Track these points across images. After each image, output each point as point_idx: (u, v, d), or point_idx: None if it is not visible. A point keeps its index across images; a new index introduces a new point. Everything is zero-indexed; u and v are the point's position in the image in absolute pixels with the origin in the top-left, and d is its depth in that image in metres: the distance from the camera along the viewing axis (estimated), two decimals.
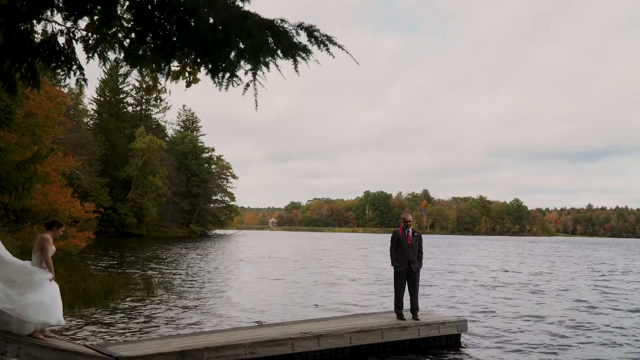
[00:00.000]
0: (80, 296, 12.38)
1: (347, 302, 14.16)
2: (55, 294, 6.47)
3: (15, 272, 6.28)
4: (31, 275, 6.33)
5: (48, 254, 6.50)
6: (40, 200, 18.48)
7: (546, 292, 17.13)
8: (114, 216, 57.80)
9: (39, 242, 6.55)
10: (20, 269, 6.34)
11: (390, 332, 8.49)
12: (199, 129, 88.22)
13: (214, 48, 3.33)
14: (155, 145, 61.38)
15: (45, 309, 6.25)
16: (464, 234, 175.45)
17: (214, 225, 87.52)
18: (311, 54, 3.49)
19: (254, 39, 3.29)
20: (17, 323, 6.11)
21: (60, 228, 6.86)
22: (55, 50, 3.92)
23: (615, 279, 22.87)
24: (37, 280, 6.33)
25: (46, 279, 6.42)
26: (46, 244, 6.52)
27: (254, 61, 3.40)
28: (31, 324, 6.18)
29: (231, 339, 7.40)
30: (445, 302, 14.34)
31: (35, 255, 6.52)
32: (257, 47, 3.35)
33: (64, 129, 32.22)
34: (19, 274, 6.29)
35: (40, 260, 6.47)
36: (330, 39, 3.50)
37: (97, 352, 6.63)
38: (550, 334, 10.37)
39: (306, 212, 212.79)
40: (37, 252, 6.53)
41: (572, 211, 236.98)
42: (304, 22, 3.52)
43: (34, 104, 20.35)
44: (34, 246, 6.63)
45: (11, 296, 6.10)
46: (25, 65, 3.90)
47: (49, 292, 6.38)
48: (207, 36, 3.30)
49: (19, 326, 6.13)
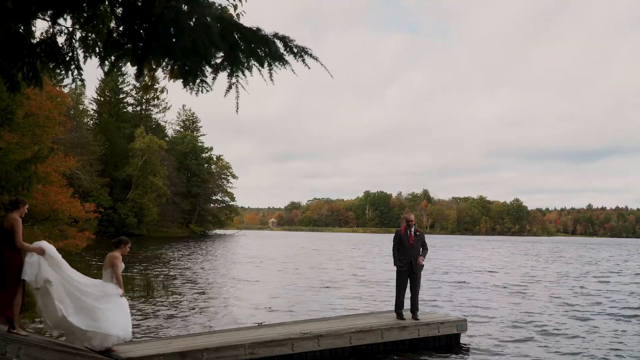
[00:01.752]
0: None
1: (347, 302, 14.16)
2: (125, 308, 6.82)
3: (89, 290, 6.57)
4: (103, 291, 6.64)
5: (118, 271, 6.84)
6: (41, 200, 18.46)
7: (545, 293, 17.13)
8: (114, 216, 57.80)
9: (109, 260, 6.87)
10: (93, 287, 6.63)
11: (390, 332, 8.50)
12: (198, 129, 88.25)
13: (180, 54, 3.32)
14: (155, 145, 61.38)
15: (119, 323, 6.57)
16: (464, 234, 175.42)
17: (214, 225, 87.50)
18: (288, 63, 3.46)
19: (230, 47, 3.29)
20: (99, 339, 6.46)
21: (127, 245, 7.14)
22: (55, 49, 3.92)
23: (615, 279, 22.87)
24: (109, 296, 6.64)
25: (117, 294, 6.74)
26: (116, 261, 6.84)
27: (231, 69, 3.40)
28: (110, 338, 6.52)
29: (231, 340, 7.41)
30: (445, 302, 14.35)
31: (106, 272, 6.84)
32: (233, 56, 3.34)
33: (64, 129, 32.19)
34: (93, 292, 6.57)
35: (111, 277, 6.80)
36: (305, 50, 3.47)
37: (97, 352, 6.63)
38: (550, 334, 10.38)
39: (306, 212, 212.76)
40: (107, 269, 6.85)
41: (572, 211, 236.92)
42: (278, 32, 3.49)
43: (35, 104, 20.33)
44: (104, 264, 6.98)
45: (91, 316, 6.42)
46: (26, 65, 3.90)
47: (120, 306, 6.72)
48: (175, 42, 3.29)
49: (101, 342, 6.48)
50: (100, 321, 6.42)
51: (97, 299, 6.53)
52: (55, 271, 6.41)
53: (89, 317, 6.39)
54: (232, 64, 3.43)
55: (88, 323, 6.37)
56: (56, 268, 6.44)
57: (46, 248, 6.43)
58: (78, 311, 6.38)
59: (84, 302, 6.44)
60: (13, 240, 6.24)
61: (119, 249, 7.00)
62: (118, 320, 6.57)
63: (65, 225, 20.14)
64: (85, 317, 6.38)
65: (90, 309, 6.43)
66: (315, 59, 3.48)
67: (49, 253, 6.42)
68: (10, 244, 6.26)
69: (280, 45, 3.48)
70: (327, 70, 3.63)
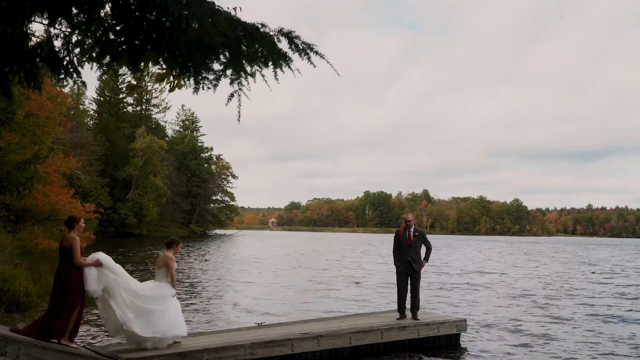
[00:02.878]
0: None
1: (347, 303, 14.17)
2: (178, 309, 7.17)
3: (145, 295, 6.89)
4: (158, 294, 6.98)
5: (173, 271, 7.15)
6: (42, 200, 18.49)
7: (545, 293, 17.14)
8: (114, 216, 57.77)
9: (162, 260, 7.18)
10: (149, 291, 6.98)
11: (390, 332, 8.51)
12: (198, 129, 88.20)
13: (184, 48, 3.20)
14: (155, 146, 61.35)
15: (174, 323, 6.91)
16: (464, 234, 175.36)
17: (214, 225, 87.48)
18: (292, 61, 3.37)
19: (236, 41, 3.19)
20: (156, 342, 6.77)
21: (178, 245, 7.42)
22: (52, 53, 3.89)
23: (617, 281, 22.88)
24: (164, 298, 6.99)
25: (170, 294, 7.07)
26: (170, 262, 7.15)
27: (236, 72, 3.32)
28: (167, 340, 6.85)
29: (231, 340, 7.42)
30: (445, 303, 14.35)
31: (160, 271, 7.17)
32: (236, 58, 3.25)
33: (64, 129, 32.21)
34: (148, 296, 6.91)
35: (164, 276, 7.13)
36: (311, 47, 3.38)
37: (97, 353, 6.65)
38: (549, 334, 10.39)
39: (306, 212, 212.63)
40: (161, 269, 7.17)
41: (572, 211, 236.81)
42: (283, 27, 3.37)
43: (35, 104, 20.35)
44: (157, 264, 7.31)
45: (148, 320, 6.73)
46: (23, 70, 3.87)
47: (174, 307, 7.06)
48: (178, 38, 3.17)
49: (158, 343, 6.79)
50: (157, 325, 6.73)
51: (152, 302, 6.86)
52: (112, 280, 6.74)
53: (146, 321, 6.71)
54: (234, 68, 3.35)
55: (146, 328, 6.69)
56: (113, 277, 6.76)
57: (102, 259, 6.76)
58: (136, 316, 6.69)
59: (141, 307, 6.76)
60: (72, 258, 6.55)
61: (171, 249, 7.29)
62: (173, 320, 6.89)
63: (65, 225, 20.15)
64: (143, 322, 6.70)
65: (147, 313, 6.75)
66: (322, 56, 3.41)
67: (105, 264, 6.75)
68: (70, 262, 6.57)
69: (285, 42, 3.38)
70: (334, 68, 3.53)
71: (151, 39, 3.33)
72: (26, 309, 10.57)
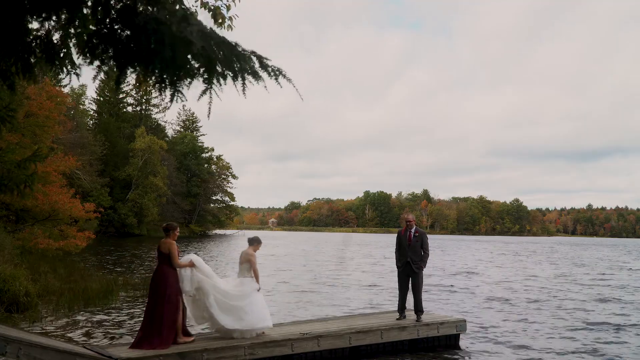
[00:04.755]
0: (80, 296, 12.40)
1: (347, 303, 14.17)
2: (262, 302, 7.66)
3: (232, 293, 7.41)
4: (243, 290, 7.48)
5: (256, 267, 7.68)
6: (42, 200, 18.49)
7: (545, 294, 17.15)
8: (114, 216, 57.82)
9: (244, 256, 7.71)
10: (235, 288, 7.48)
11: (390, 333, 8.51)
12: (198, 129, 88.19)
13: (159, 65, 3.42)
14: (155, 146, 61.35)
15: (260, 316, 7.44)
16: (464, 234, 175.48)
17: (214, 225, 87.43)
18: (261, 79, 3.61)
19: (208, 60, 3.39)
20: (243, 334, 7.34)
21: (259, 244, 7.95)
22: (49, 47, 3.91)
23: (614, 282, 22.88)
24: (249, 293, 7.48)
25: (254, 289, 7.56)
26: (252, 258, 7.67)
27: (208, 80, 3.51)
28: (253, 331, 7.41)
29: (231, 340, 7.42)
30: (445, 303, 14.36)
31: (242, 267, 7.69)
32: (210, 68, 3.45)
33: (64, 129, 32.24)
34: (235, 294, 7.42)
35: (247, 271, 7.64)
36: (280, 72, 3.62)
37: (97, 353, 6.65)
38: (549, 334, 10.40)
39: (306, 212, 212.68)
40: (243, 264, 7.68)
41: (572, 211, 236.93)
42: (255, 50, 3.64)
43: (35, 104, 20.38)
44: (239, 260, 7.83)
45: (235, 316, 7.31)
46: (20, 62, 3.91)
47: (258, 300, 7.55)
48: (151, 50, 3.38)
49: (243, 334, 7.35)
50: (244, 319, 7.29)
51: (239, 299, 7.37)
52: (204, 279, 7.31)
53: (234, 316, 7.28)
54: (208, 72, 3.54)
55: (234, 322, 7.26)
56: (204, 277, 7.32)
57: (195, 261, 7.33)
58: (225, 313, 7.27)
59: (229, 304, 7.31)
60: (170, 261, 7.16)
61: (252, 246, 7.82)
62: (259, 313, 7.41)
63: (65, 225, 20.17)
64: (232, 318, 7.28)
65: (235, 310, 7.30)
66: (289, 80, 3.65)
67: (198, 265, 7.32)
68: (168, 265, 7.18)
69: (256, 62, 3.64)
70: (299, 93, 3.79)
71: (130, 50, 3.53)
72: (26, 309, 10.57)
